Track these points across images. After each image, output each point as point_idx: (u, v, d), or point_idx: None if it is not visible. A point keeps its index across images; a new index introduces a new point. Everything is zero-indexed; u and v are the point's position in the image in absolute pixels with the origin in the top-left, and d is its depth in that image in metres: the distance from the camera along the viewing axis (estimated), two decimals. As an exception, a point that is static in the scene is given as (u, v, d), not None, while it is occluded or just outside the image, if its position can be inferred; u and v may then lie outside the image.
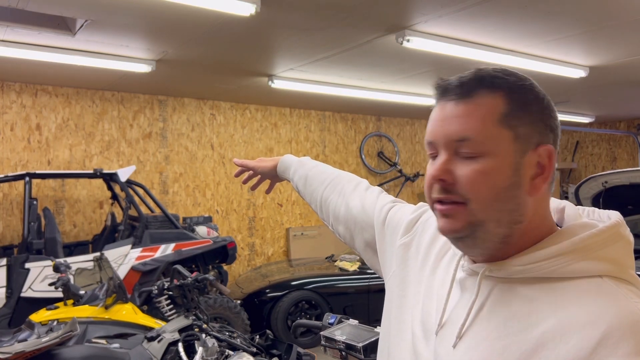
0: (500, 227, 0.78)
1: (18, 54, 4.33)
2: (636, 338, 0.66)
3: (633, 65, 5.11)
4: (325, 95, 6.42)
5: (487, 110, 0.78)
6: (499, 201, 0.77)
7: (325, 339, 1.64)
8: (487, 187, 0.77)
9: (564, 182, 9.98)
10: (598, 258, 0.75)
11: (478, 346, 0.78)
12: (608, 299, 0.71)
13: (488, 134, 0.77)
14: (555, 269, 0.76)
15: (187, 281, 3.20)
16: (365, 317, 5.45)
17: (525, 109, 0.79)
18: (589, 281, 0.74)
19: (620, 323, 0.67)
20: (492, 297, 0.80)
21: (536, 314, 0.74)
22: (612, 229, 0.77)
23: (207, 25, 3.83)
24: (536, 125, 0.79)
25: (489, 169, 0.77)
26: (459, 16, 3.66)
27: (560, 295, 0.74)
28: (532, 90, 0.81)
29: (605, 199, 4.70)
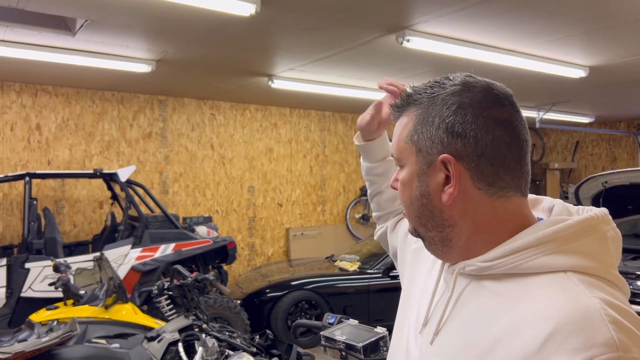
0: (429, 231, 0.84)
1: (18, 54, 4.33)
2: (586, 333, 0.65)
3: (633, 65, 5.10)
4: (325, 95, 6.41)
5: (402, 128, 0.86)
6: (414, 208, 0.85)
7: (325, 339, 1.64)
8: (405, 196, 0.86)
9: (564, 182, 9.98)
10: (564, 252, 0.74)
11: (449, 342, 0.80)
12: (564, 294, 0.70)
13: (399, 149, 0.86)
14: (518, 264, 0.76)
15: (187, 281, 3.20)
16: (365, 317, 5.45)
17: (425, 124, 0.82)
18: (552, 276, 0.73)
19: (571, 318, 0.66)
20: (464, 294, 0.82)
21: (498, 310, 0.75)
22: (582, 223, 0.75)
23: (207, 25, 3.83)
24: (438, 136, 0.80)
25: (403, 179, 0.86)
26: (459, 16, 3.66)
27: (522, 291, 0.74)
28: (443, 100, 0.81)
29: (605, 199, 4.70)
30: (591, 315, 0.66)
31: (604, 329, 0.65)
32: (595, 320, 0.66)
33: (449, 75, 0.85)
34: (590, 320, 0.66)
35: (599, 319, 0.66)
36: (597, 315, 0.66)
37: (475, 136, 0.78)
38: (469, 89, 0.81)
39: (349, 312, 5.43)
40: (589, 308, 0.67)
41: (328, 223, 8.10)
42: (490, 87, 0.82)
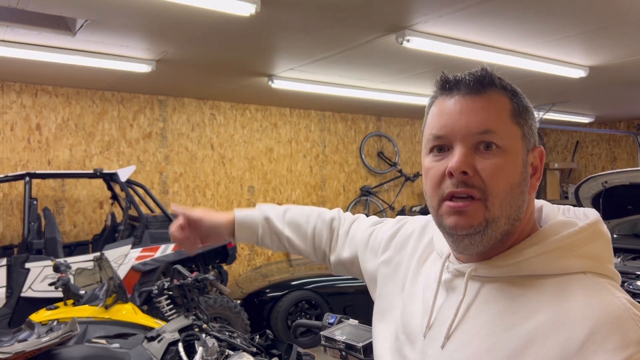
0: (507, 223, 0.79)
1: (18, 54, 4.33)
2: (622, 332, 0.68)
3: (633, 65, 5.10)
4: (325, 95, 6.41)
5: (501, 107, 0.81)
6: (512, 197, 0.79)
7: (325, 339, 1.64)
8: (505, 182, 0.78)
9: (564, 182, 9.98)
10: (580, 255, 0.77)
11: (466, 345, 0.79)
12: (593, 295, 0.73)
13: (506, 129, 0.79)
14: (540, 267, 0.77)
15: (187, 281, 3.21)
16: (365, 317, 5.43)
17: (525, 112, 0.83)
18: (573, 278, 0.76)
19: (606, 319, 0.69)
20: (479, 297, 0.81)
21: (523, 311, 0.75)
22: (592, 226, 0.79)
23: (207, 25, 3.83)
24: (532, 127, 0.83)
25: (506, 163, 0.78)
26: (459, 16, 3.66)
27: (547, 293, 0.75)
28: (525, 97, 0.85)
29: (605, 199, 4.70)
30: (623, 315, 0.70)
31: (636, 328, 0.69)
32: (627, 320, 0.69)
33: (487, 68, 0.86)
34: (623, 320, 0.69)
35: (630, 319, 0.70)
36: (627, 315, 0.70)
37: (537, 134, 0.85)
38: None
39: (349, 312, 5.43)
40: (619, 308, 0.71)
41: (328, 223, 8.09)
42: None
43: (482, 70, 0.84)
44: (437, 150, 0.83)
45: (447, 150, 0.81)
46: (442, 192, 0.81)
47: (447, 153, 0.81)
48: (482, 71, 0.84)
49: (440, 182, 0.81)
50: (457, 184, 0.78)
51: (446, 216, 0.81)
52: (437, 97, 0.87)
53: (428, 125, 0.86)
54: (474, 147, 0.79)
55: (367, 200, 8.38)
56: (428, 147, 0.85)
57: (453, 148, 0.80)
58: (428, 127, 0.86)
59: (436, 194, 0.82)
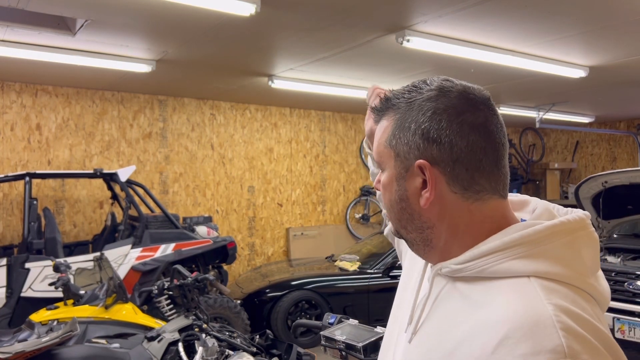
0: (409, 233, 0.86)
1: (18, 54, 4.33)
2: (535, 339, 0.65)
3: (633, 65, 5.10)
4: (325, 95, 6.42)
5: (382, 132, 0.87)
6: (394, 211, 0.86)
7: (325, 339, 1.64)
8: (385, 199, 0.87)
9: (563, 182, 9.98)
10: (530, 257, 0.74)
11: (423, 341, 0.82)
12: (520, 299, 0.70)
13: (379, 153, 0.87)
14: (484, 268, 0.76)
15: (187, 281, 3.20)
16: (365, 317, 5.46)
17: (402, 129, 0.83)
18: (515, 281, 0.73)
19: (522, 323, 0.67)
20: (441, 294, 0.83)
21: (464, 312, 0.76)
22: (552, 228, 0.75)
23: (207, 25, 3.83)
24: (415, 142, 0.81)
25: (384, 182, 0.87)
26: (459, 16, 3.66)
27: (484, 295, 0.75)
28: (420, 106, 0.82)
29: (605, 199, 4.70)
30: (543, 322, 0.66)
31: (554, 335, 0.65)
32: (546, 326, 0.66)
33: (427, 80, 0.86)
34: (542, 326, 0.66)
35: (550, 326, 0.66)
36: (549, 322, 0.66)
37: (450, 142, 0.78)
38: (445, 94, 0.81)
39: (349, 312, 5.43)
40: (541, 314, 0.67)
41: (328, 223, 8.10)
42: (465, 92, 0.82)
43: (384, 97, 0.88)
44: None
45: None
46: None
47: None
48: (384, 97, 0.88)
49: None
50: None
51: None
52: None
53: None
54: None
55: (367, 200, 8.38)
56: None
57: None
58: None
59: None
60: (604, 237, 4.97)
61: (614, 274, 4.17)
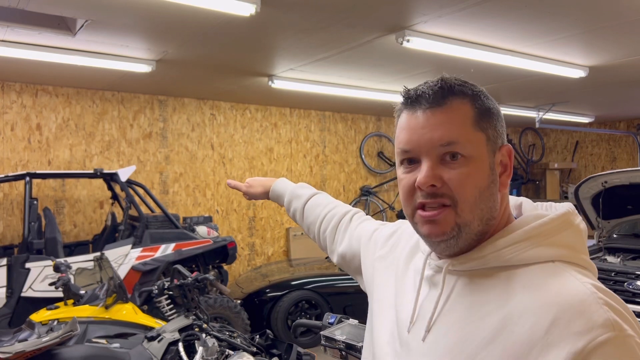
0: (481, 225, 0.85)
1: (18, 54, 4.33)
2: (585, 316, 0.70)
3: (633, 65, 5.11)
4: (325, 95, 6.42)
5: (463, 115, 0.84)
6: (482, 200, 0.84)
7: (325, 339, 1.65)
8: (473, 188, 0.83)
9: (563, 182, 9.98)
10: (549, 244, 0.81)
11: (443, 337, 0.83)
12: (559, 281, 0.76)
13: (469, 137, 0.83)
14: (510, 257, 0.81)
15: (187, 281, 3.21)
16: (365, 317, 5.45)
17: (489, 114, 0.85)
18: (542, 266, 0.79)
19: (569, 304, 0.72)
20: (455, 290, 0.85)
21: (495, 301, 0.79)
22: (561, 217, 0.83)
23: (207, 25, 3.83)
24: (497, 128, 0.86)
25: (472, 170, 0.83)
26: (459, 16, 3.66)
27: (517, 282, 0.79)
28: (488, 98, 0.87)
29: (605, 199, 4.70)
30: (587, 299, 0.72)
31: (600, 311, 0.70)
32: (591, 303, 0.71)
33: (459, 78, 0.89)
34: (587, 304, 0.71)
35: (594, 303, 0.71)
36: (592, 299, 0.72)
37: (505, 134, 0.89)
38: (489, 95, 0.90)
39: (349, 312, 5.43)
40: (583, 293, 0.73)
41: (328, 223, 8.09)
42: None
43: (441, 82, 0.86)
44: (407, 162, 0.88)
45: (415, 162, 0.86)
46: (414, 202, 0.86)
47: (416, 165, 0.86)
48: (441, 82, 0.86)
49: (412, 192, 0.86)
50: (427, 196, 0.84)
51: (420, 225, 0.87)
52: (403, 110, 0.90)
53: (397, 139, 0.91)
54: (440, 159, 0.83)
55: (367, 200, 8.38)
56: (399, 160, 0.90)
57: (420, 161, 0.85)
58: (397, 140, 0.91)
59: (409, 203, 0.87)
60: (603, 237, 4.97)
61: (614, 274, 4.17)
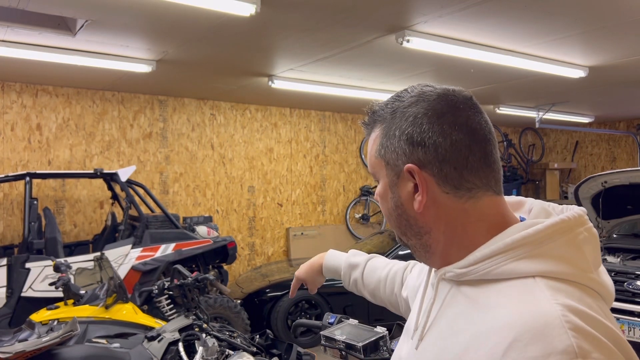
0: (410, 239, 0.88)
1: (18, 54, 4.33)
2: (545, 341, 0.64)
3: (633, 65, 5.11)
4: (325, 95, 6.42)
5: (372, 145, 0.90)
6: (392, 218, 0.89)
7: (325, 339, 1.65)
8: (383, 208, 0.90)
9: (563, 182, 9.98)
10: (533, 257, 0.74)
11: (430, 347, 0.82)
12: (527, 301, 0.70)
13: (372, 165, 0.90)
14: (488, 270, 0.76)
15: (187, 281, 3.21)
16: (365, 317, 5.46)
17: (389, 138, 0.85)
18: (520, 282, 0.73)
19: (530, 325, 0.66)
20: (447, 299, 0.84)
21: (470, 316, 0.76)
22: (552, 227, 0.75)
23: (207, 25, 3.83)
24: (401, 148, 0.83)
25: (379, 193, 0.90)
26: (459, 16, 3.66)
27: (491, 298, 0.75)
28: (403, 113, 0.84)
29: (605, 199, 4.70)
30: (551, 323, 0.66)
31: (563, 336, 0.64)
32: (555, 327, 0.65)
33: (408, 88, 0.88)
34: (550, 327, 0.65)
35: (559, 326, 0.65)
36: (557, 322, 0.66)
37: (434, 143, 0.80)
38: (424, 99, 0.83)
39: (349, 312, 5.43)
40: (549, 315, 0.67)
41: (328, 223, 8.10)
42: (445, 94, 0.83)
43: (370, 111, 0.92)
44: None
45: None
46: None
47: None
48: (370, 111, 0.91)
49: None
50: None
51: None
52: None
53: None
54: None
55: (367, 200, 8.38)
56: None
57: None
58: None
59: None
60: (603, 237, 4.97)
61: (614, 274, 4.17)
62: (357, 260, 1.41)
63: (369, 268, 1.39)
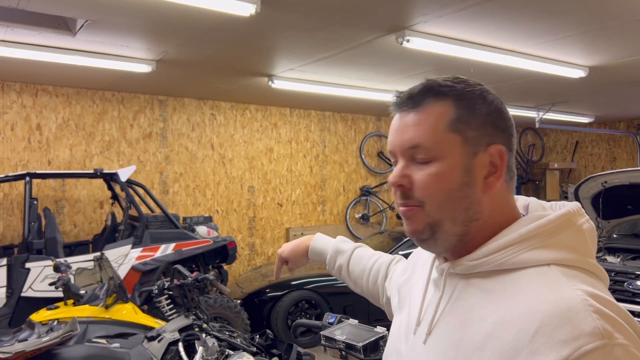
0: (456, 226, 0.84)
1: (18, 54, 4.33)
2: (572, 324, 0.68)
3: (633, 65, 5.11)
4: (325, 95, 6.42)
5: (436, 117, 0.84)
6: (451, 201, 0.83)
7: (325, 339, 1.65)
8: (439, 189, 0.83)
9: (563, 182, 9.98)
10: (546, 246, 0.78)
11: (441, 340, 0.83)
12: (549, 287, 0.74)
13: (437, 140, 0.83)
14: (504, 261, 0.79)
15: (187, 281, 3.21)
16: (365, 317, 5.46)
17: (472, 114, 0.84)
18: (536, 270, 0.77)
19: (556, 310, 0.70)
20: (455, 293, 0.85)
21: (489, 306, 0.78)
22: (561, 217, 0.80)
23: (207, 25, 3.83)
24: (485, 128, 0.84)
25: (440, 172, 0.83)
26: (459, 16, 3.66)
27: (510, 287, 0.78)
28: (481, 96, 0.85)
29: (605, 199, 4.70)
30: (575, 307, 0.70)
31: (588, 319, 0.68)
32: (579, 311, 0.69)
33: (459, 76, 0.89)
34: (575, 311, 0.69)
35: (583, 310, 0.69)
36: (580, 306, 0.70)
37: (509, 132, 0.86)
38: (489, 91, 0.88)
39: (349, 312, 5.43)
40: (572, 299, 0.71)
41: (328, 223, 8.10)
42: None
43: (421, 84, 0.88)
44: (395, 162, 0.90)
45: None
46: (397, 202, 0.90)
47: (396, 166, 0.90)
48: (420, 85, 0.88)
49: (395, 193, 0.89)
50: (400, 195, 0.87)
51: (404, 222, 0.89)
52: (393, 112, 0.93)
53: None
54: (412, 160, 0.85)
55: (367, 200, 8.38)
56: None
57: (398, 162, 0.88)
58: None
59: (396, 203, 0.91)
60: (603, 237, 4.97)
61: (614, 274, 4.17)
62: (344, 247, 1.41)
63: (355, 256, 1.39)
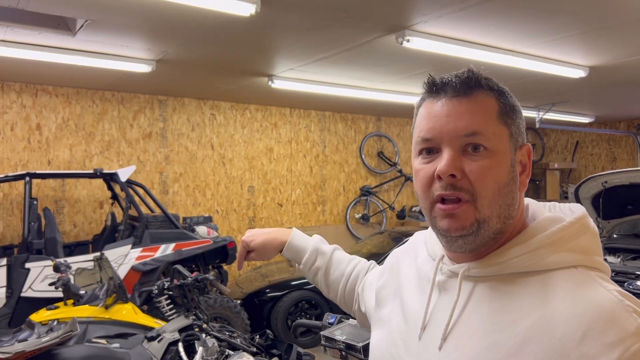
0: (499, 222, 0.81)
1: (18, 54, 4.33)
2: (617, 326, 0.69)
3: (633, 65, 5.10)
4: (325, 95, 6.42)
5: (488, 107, 0.81)
6: (501, 196, 0.80)
7: (325, 339, 1.64)
8: (493, 182, 0.79)
9: (563, 182, 9.97)
10: (570, 249, 0.78)
11: (464, 345, 0.79)
12: (586, 289, 0.74)
13: (493, 130, 0.80)
14: (531, 264, 0.78)
15: (187, 281, 3.20)
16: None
17: (512, 111, 0.83)
18: (565, 272, 0.77)
19: (600, 313, 0.70)
20: (473, 297, 0.82)
21: (520, 309, 0.76)
22: (579, 221, 0.81)
23: (207, 25, 3.83)
24: (520, 126, 0.84)
25: (494, 164, 0.79)
26: (459, 16, 3.66)
27: (541, 289, 0.76)
28: (512, 96, 0.86)
29: (605, 199, 4.70)
30: (616, 308, 0.70)
31: (630, 319, 0.69)
32: (620, 312, 0.70)
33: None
34: (616, 313, 0.70)
35: (623, 311, 0.70)
36: (620, 307, 0.71)
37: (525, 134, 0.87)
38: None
39: (349, 312, 5.42)
40: (612, 301, 0.71)
41: (328, 223, 8.10)
42: None
43: (468, 72, 0.83)
44: (426, 152, 0.84)
45: (435, 152, 0.83)
46: (432, 194, 0.82)
47: (436, 155, 0.83)
48: (468, 72, 0.83)
49: (430, 184, 0.82)
50: (446, 187, 0.80)
51: (439, 219, 0.82)
52: (425, 99, 0.87)
53: (417, 128, 0.88)
54: (462, 150, 0.80)
55: (367, 200, 8.38)
56: (417, 149, 0.86)
57: (441, 150, 0.81)
58: (417, 129, 0.87)
59: (427, 196, 0.83)
60: (604, 237, 4.97)
61: (614, 274, 4.17)
62: (324, 249, 1.33)
63: (334, 259, 1.32)
